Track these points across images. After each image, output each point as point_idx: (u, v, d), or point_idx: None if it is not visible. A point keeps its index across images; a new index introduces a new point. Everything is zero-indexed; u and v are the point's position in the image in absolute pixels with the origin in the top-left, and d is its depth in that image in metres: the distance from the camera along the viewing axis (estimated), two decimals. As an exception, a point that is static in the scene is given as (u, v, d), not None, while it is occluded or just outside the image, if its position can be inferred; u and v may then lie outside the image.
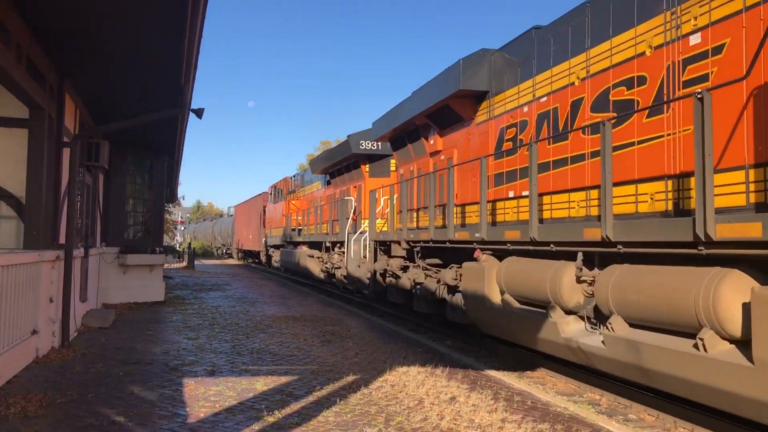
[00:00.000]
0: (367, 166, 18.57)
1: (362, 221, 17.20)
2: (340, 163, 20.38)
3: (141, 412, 5.91)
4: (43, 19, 7.35)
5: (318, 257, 21.49)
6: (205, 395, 6.62)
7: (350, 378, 7.53)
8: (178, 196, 42.51)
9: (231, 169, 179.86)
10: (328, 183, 22.94)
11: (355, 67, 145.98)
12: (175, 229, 62.42)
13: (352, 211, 18.02)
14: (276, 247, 30.81)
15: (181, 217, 73.38)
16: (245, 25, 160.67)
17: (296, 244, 25.41)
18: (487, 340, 10.62)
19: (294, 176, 30.21)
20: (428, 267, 11.82)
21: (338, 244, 18.67)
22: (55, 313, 9.19)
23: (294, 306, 16.13)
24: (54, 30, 7.72)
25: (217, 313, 14.00)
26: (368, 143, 17.81)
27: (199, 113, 10.23)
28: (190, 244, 49.55)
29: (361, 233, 16.31)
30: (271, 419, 5.76)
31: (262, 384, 7.17)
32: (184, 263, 37.30)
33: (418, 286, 12.07)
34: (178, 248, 47.46)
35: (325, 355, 9.10)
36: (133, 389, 6.79)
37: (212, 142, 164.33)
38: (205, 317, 13.29)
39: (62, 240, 9.44)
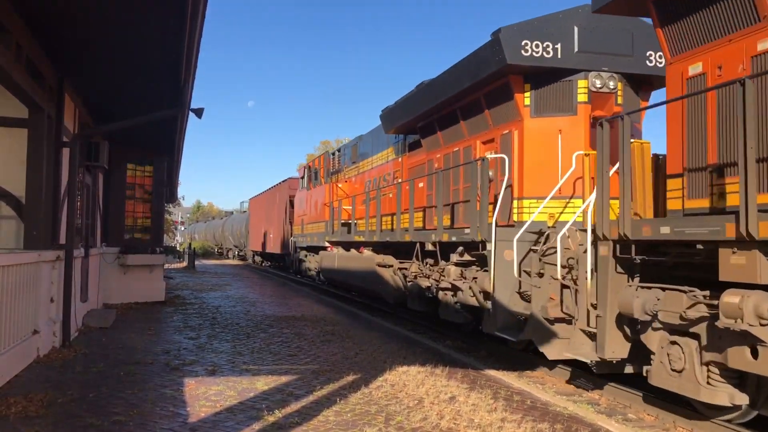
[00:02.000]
0: (527, 94, 9.62)
1: (515, 204, 9.56)
2: (458, 100, 11.00)
3: (142, 411, 5.92)
4: (42, 19, 7.36)
5: (400, 269, 13.32)
6: (206, 395, 6.63)
7: (350, 377, 7.54)
8: (178, 196, 42.44)
9: (231, 169, 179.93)
10: (414, 146, 13.67)
11: (355, 66, 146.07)
12: (175, 229, 62.41)
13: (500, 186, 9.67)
14: (313, 249, 22.05)
15: (181, 217, 73.29)
16: (245, 25, 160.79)
17: (349, 245, 17.01)
18: (487, 340, 10.62)
19: (339, 150, 21.39)
20: None
21: (459, 249, 10.40)
22: (55, 313, 9.20)
23: (294, 306, 16.14)
24: (54, 30, 7.72)
25: (218, 313, 14.01)
26: (538, 45, 9.05)
27: (198, 113, 10.25)
28: (190, 244, 49.54)
29: (529, 231, 8.77)
30: (271, 419, 5.77)
31: (262, 383, 7.18)
32: (185, 263, 37.28)
33: None
34: (178, 248, 47.52)
35: (325, 354, 9.11)
36: (134, 389, 6.80)
37: (212, 142, 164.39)
38: (205, 317, 13.30)
39: (62, 240, 9.45)
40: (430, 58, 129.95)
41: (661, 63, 8.97)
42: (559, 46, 9.15)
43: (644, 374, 6.54)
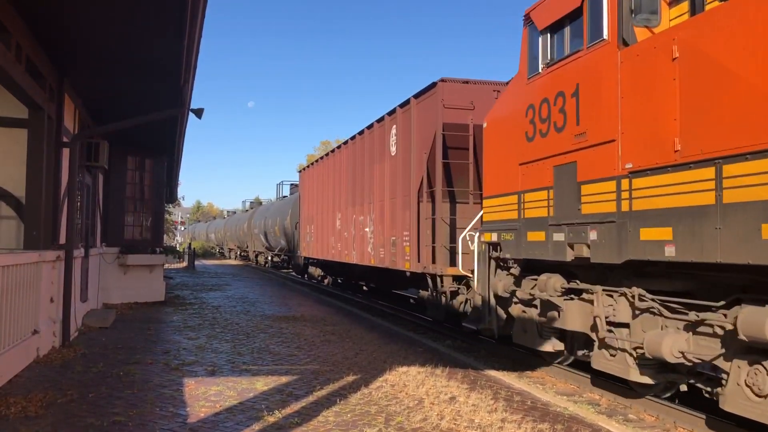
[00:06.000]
0: None
1: None
2: None
3: (141, 411, 5.92)
4: (43, 19, 7.36)
5: None
6: (206, 395, 6.62)
7: (350, 378, 7.54)
8: (178, 196, 42.28)
9: (231, 169, 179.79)
10: None
11: (355, 66, 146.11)
12: (175, 229, 62.19)
13: None
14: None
15: (181, 218, 73.13)
16: (245, 25, 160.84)
17: None
18: (487, 340, 10.61)
19: None
20: None
21: None
22: (55, 313, 9.19)
23: (294, 306, 16.13)
24: (54, 30, 7.72)
25: (218, 313, 14.00)
26: None
27: (198, 113, 10.25)
28: (190, 244, 49.49)
29: None
30: (271, 419, 5.77)
31: (262, 384, 7.17)
32: (185, 263, 37.26)
33: None
34: (178, 248, 47.51)
35: (325, 355, 9.11)
36: (133, 389, 6.79)
37: (212, 143, 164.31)
38: (205, 317, 13.29)
39: (62, 240, 9.45)
40: (430, 59, 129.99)
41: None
42: None
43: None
